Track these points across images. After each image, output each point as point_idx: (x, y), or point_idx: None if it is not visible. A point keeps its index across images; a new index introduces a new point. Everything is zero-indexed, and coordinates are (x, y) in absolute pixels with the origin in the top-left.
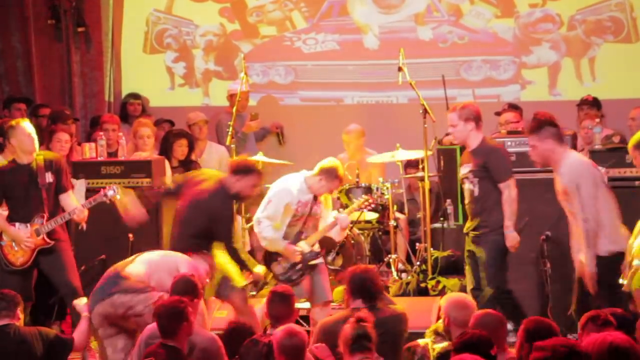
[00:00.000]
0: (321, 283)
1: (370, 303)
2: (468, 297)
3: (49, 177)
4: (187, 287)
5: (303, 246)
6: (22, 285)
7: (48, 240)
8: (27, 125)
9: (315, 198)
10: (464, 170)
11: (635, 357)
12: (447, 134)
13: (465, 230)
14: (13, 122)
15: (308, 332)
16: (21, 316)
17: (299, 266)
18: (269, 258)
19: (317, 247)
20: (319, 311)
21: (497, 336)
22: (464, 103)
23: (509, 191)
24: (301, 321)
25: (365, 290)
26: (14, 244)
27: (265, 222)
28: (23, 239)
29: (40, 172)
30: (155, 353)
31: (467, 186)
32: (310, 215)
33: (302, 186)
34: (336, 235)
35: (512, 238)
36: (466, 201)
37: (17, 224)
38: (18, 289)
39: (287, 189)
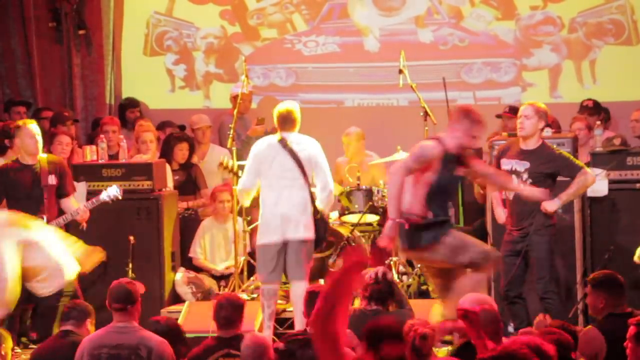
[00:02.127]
0: None
1: (381, 306)
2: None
3: (52, 180)
4: (125, 294)
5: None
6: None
7: None
8: (32, 127)
9: None
10: (512, 164)
11: None
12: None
13: (511, 227)
14: (20, 122)
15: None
16: (90, 328)
17: None
18: None
19: None
20: None
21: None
22: (543, 105)
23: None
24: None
25: (373, 293)
26: None
27: None
28: None
29: (44, 174)
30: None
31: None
32: None
33: None
34: None
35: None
36: (510, 197)
37: None
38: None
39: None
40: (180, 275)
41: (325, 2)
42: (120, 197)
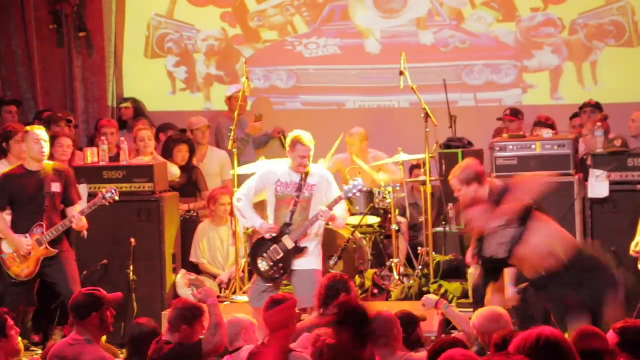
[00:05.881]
0: (298, 289)
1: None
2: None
3: (56, 187)
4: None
5: (287, 242)
6: (26, 294)
7: (51, 249)
8: (39, 133)
9: (305, 179)
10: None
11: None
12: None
13: None
14: (28, 128)
15: None
16: None
17: (281, 265)
18: (255, 254)
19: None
20: None
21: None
22: (461, 166)
23: None
24: None
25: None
26: (16, 255)
27: (243, 200)
28: (24, 246)
29: (47, 181)
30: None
31: None
32: (299, 198)
33: (286, 167)
34: (337, 227)
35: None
36: None
37: (16, 236)
38: (23, 298)
39: (270, 169)
40: (181, 277)
41: (326, 4)
42: (117, 199)
